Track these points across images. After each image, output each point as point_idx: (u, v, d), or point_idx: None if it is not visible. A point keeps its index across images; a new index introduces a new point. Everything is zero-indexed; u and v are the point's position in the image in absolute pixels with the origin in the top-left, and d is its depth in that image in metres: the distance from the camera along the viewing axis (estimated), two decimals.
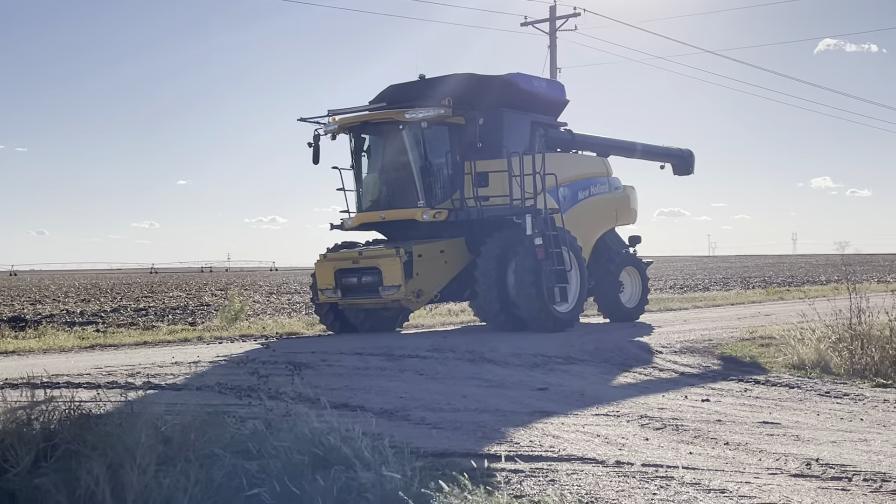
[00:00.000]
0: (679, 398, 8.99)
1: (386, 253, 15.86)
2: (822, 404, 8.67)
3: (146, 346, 15.54)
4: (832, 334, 11.47)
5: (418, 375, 10.67)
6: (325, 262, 16.39)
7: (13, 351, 14.60)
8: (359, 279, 15.93)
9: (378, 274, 15.65)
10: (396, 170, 16.99)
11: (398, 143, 16.75)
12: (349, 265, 16.12)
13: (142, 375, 10.48)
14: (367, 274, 15.85)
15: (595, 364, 11.68)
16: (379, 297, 15.75)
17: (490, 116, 16.78)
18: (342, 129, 17.07)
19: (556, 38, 32.99)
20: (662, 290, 35.40)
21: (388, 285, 15.52)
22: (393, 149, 16.97)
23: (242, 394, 8.71)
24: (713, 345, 13.85)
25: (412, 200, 16.61)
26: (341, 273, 16.13)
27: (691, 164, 21.93)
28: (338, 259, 16.34)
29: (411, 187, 16.67)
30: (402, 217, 16.68)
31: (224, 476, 5.49)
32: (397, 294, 15.58)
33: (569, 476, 5.79)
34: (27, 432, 6.11)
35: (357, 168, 17.38)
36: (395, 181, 17.06)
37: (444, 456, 6.31)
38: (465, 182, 16.69)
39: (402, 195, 16.85)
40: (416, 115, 16.24)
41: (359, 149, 17.36)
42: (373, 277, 15.73)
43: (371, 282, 15.78)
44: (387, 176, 17.23)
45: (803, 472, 5.87)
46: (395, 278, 15.47)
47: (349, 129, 17.12)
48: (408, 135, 16.52)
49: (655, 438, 6.97)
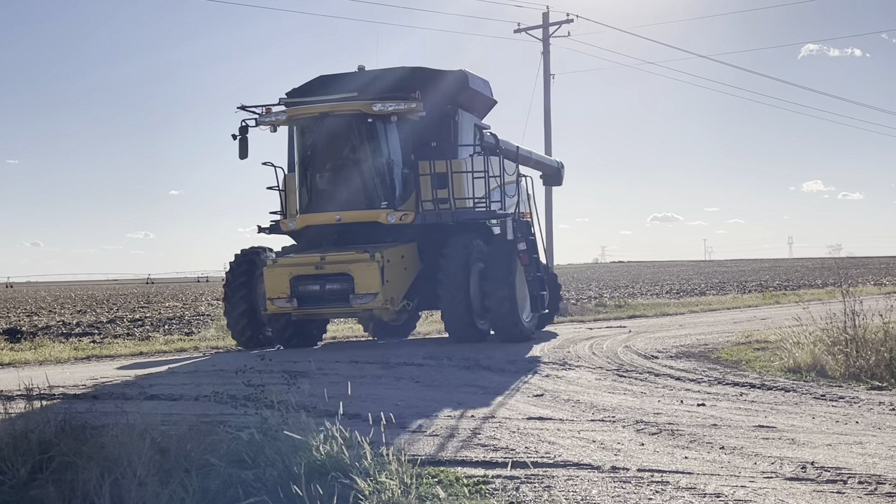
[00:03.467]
0: (674, 403, 9.00)
1: (358, 258, 14.39)
2: (818, 408, 8.69)
3: (142, 356, 15.53)
4: (827, 338, 11.48)
5: (414, 383, 10.68)
6: (276, 269, 14.66)
7: (9, 363, 14.59)
8: (322, 287, 14.42)
9: (349, 281, 14.25)
10: (356, 167, 15.61)
11: (361, 137, 15.43)
12: (310, 271, 14.53)
13: (138, 385, 10.47)
14: (333, 281, 14.37)
15: (590, 370, 11.69)
16: (348, 305, 14.38)
17: (444, 114, 15.89)
18: (288, 121, 15.51)
19: (549, 44, 33.03)
20: (659, 295, 35.43)
21: (362, 293, 14.15)
22: (353, 144, 15.56)
23: (238, 403, 8.70)
24: (709, 349, 13.87)
25: (374, 201, 15.29)
26: (299, 280, 14.50)
27: (561, 177, 22.01)
28: (294, 265, 14.73)
29: (374, 187, 15.39)
30: (363, 219, 15.26)
31: (220, 485, 5.50)
32: (373, 303, 14.23)
33: (565, 482, 5.81)
34: (23, 444, 6.13)
35: (303, 165, 15.76)
36: (354, 180, 15.60)
37: (440, 463, 6.32)
38: (423, 183, 15.59)
39: (361, 195, 15.45)
40: (386, 107, 15.07)
41: (306, 143, 15.76)
42: (341, 285, 14.30)
43: (339, 290, 14.32)
44: (343, 174, 15.70)
45: (798, 476, 5.88)
46: (371, 285, 14.15)
47: (296, 121, 15.57)
48: (373, 129, 15.21)
49: (651, 443, 6.99)
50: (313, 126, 15.61)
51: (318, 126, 15.58)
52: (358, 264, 14.29)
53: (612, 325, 19.52)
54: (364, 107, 15.12)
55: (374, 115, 15.06)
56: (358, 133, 15.41)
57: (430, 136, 15.76)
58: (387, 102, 15.07)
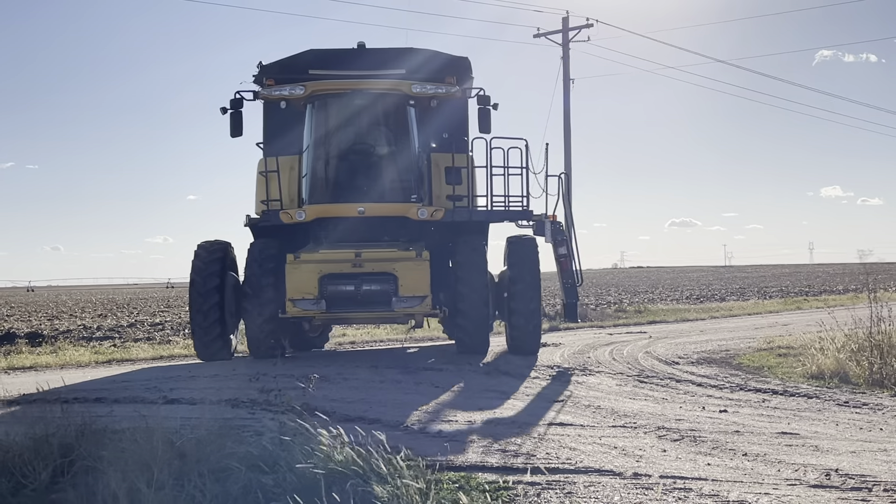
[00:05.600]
0: (696, 409, 8.93)
1: (404, 255, 12.74)
2: (841, 414, 8.61)
3: (162, 360, 15.57)
4: (853, 344, 11.37)
5: (434, 388, 10.64)
6: (301, 266, 12.65)
7: (30, 366, 14.65)
8: (357, 287, 12.65)
9: (391, 281, 12.58)
10: (387, 154, 14.07)
11: (396, 121, 13.92)
12: (345, 269, 12.70)
13: (158, 390, 10.49)
14: (372, 281, 12.66)
15: (611, 375, 11.63)
16: (389, 309, 12.67)
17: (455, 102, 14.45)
18: (307, 96, 13.67)
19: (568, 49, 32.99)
20: (679, 301, 35.27)
21: (407, 296, 12.53)
22: (387, 127, 14.05)
23: (258, 407, 8.70)
24: (730, 355, 13.79)
25: (404, 194, 13.79)
26: (329, 279, 12.65)
27: None
28: (324, 261, 12.76)
29: (406, 178, 13.88)
30: (390, 213, 13.63)
31: (240, 490, 5.49)
32: (420, 307, 12.64)
33: (586, 488, 5.76)
34: (44, 448, 6.14)
35: (320, 147, 13.91)
36: (383, 168, 14.02)
37: (460, 469, 6.29)
38: (434, 177, 14.22)
39: (390, 186, 13.89)
40: (426, 90, 13.62)
41: (327, 123, 13.94)
42: (382, 286, 12.62)
43: (378, 291, 12.63)
44: (370, 161, 13.97)
45: (823, 483, 5.82)
46: (419, 287, 12.53)
47: (317, 97, 13.76)
48: (409, 113, 13.84)
49: (673, 450, 6.93)
50: (338, 104, 13.89)
51: (344, 104, 13.90)
52: (405, 263, 12.64)
53: (632, 331, 19.44)
54: (401, 86, 13.69)
55: (416, 98, 13.68)
56: (394, 116, 13.93)
57: (441, 126, 14.44)
58: (426, 84, 13.65)
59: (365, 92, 13.89)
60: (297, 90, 13.51)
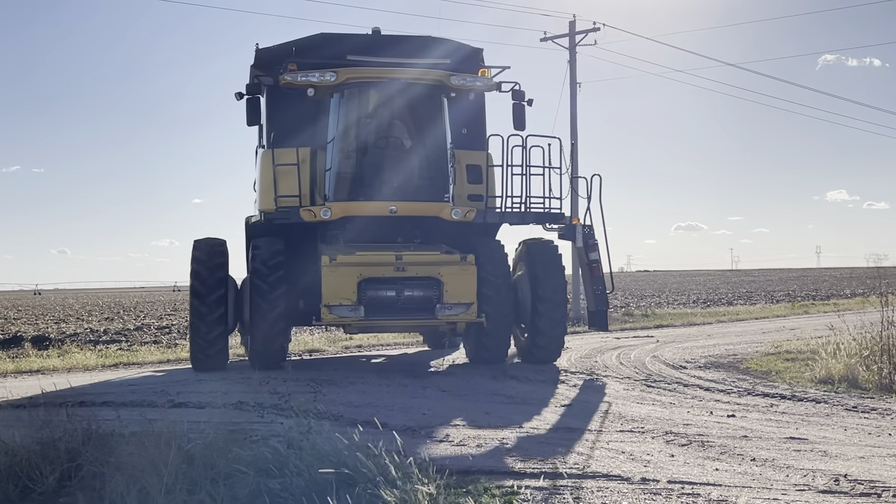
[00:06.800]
0: (704, 414, 8.91)
1: (449, 259, 11.89)
2: (850, 419, 8.57)
3: (169, 363, 15.57)
4: (863, 350, 11.33)
5: (441, 392, 10.63)
6: (340, 269, 11.62)
7: (37, 370, 14.66)
8: (399, 293, 11.76)
9: (436, 287, 11.76)
10: (422, 149, 12.96)
11: (433, 114, 12.89)
12: (387, 273, 11.76)
13: (165, 393, 10.49)
14: (414, 286, 11.79)
15: (618, 379, 11.61)
16: (433, 317, 11.80)
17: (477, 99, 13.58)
18: (337, 84, 12.53)
19: (575, 52, 32.93)
20: (686, 305, 35.21)
21: (452, 302, 11.75)
22: (423, 120, 12.96)
23: (265, 412, 8.70)
24: (738, 360, 13.76)
25: (437, 192, 12.75)
26: (369, 284, 11.70)
27: None
28: (364, 264, 11.75)
29: (439, 175, 12.82)
30: (423, 213, 12.67)
31: (248, 494, 5.48)
32: (465, 314, 11.84)
33: (594, 493, 5.74)
34: (52, 452, 6.14)
35: (348, 140, 12.81)
36: (418, 165, 12.92)
37: (468, 473, 6.27)
38: (457, 176, 13.18)
39: (423, 184, 12.81)
40: (466, 82, 12.73)
41: (358, 113, 12.87)
42: (425, 292, 11.79)
43: (421, 297, 11.79)
44: (403, 156, 12.95)
45: (831, 489, 5.80)
46: (465, 294, 11.79)
47: (348, 85, 12.63)
48: (445, 106, 12.89)
49: (681, 455, 6.91)
50: (372, 93, 12.85)
51: (378, 94, 12.85)
52: (450, 267, 11.81)
53: (640, 335, 19.40)
54: (442, 77, 12.72)
55: (456, 90, 12.81)
56: (430, 108, 12.90)
57: (459, 121, 13.31)
58: (465, 76, 12.79)
59: (401, 82, 12.75)
60: (328, 76, 12.41)
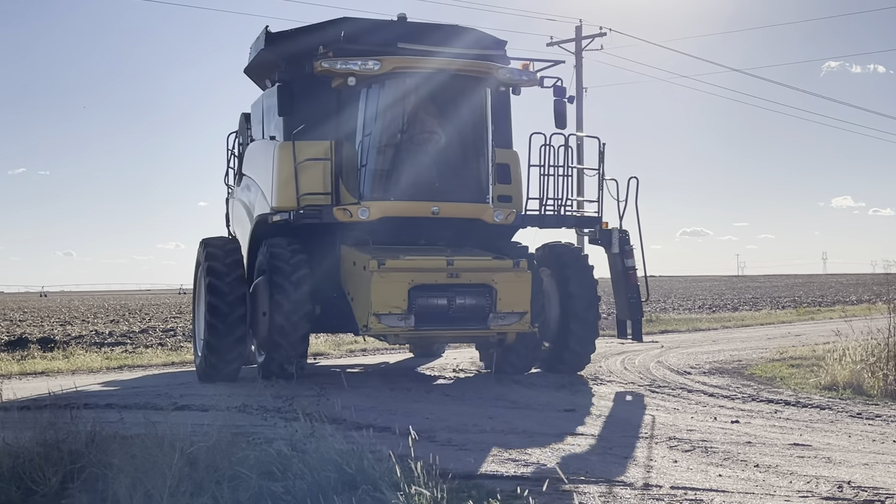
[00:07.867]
0: (708, 420, 8.89)
1: (502, 265, 11.19)
2: (854, 426, 8.55)
3: (174, 366, 15.58)
4: (869, 356, 11.29)
5: (444, 396, 10.63)
6: (391, 274, 10.67)
7: (42, 371, 14.68)
8: (450, 301, 10.88)
9: (488, 295, 10.94)
10: (466, 146, 12.14)
11: (479, 108, 12.01)
12: (440, 280, 10.91)
13: (168, 396, 10.50)
14: (466, 294, 10.94)
15: (622, 385, 11.60)
16: (485, 327, 11.06)
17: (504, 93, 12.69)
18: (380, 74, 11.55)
19: (581, 57, 33.00)
20: (691, 310, 35.17)
21: (506, 311, 11.00)
22: (469, 115, 12.04)
23: (268, 415, 8.71)
24: (743, 365, 13.73)
25: (480, 193, 11.98)
26: (419, 291, 10.78)
27: None
28: (414, 269, 10.85)
29: (484, 174, 12.04)
30: (466, 214, 11.87)
31: (250, 497, 5.48)
32: (519, 324, 11.11)
33: (597, 499, 5.74)
34: (54, 454, 6.14)
35: (387, 135, 11.89)
36: (462, 163, 12.16)
37: (471, 478, 6.27)
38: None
39: (466, 183, 12.03)
40: (514, 76, 12.04)
41: (401, 106, 11.89)
42: (477, 300, 10.95)
43: (474, 306, 10.96)
44: (447, 153, 12.02)
45: (835, 496, 5.78)
46: (519, 302, 11.04)
47: (392, 75, 11.68)
48: (489, 100, 12.03)
49: (684, 460, 6.90)
50: (415, 84, 11.86)
51: (422, 85, 11.87)
52: (504, 274, 11.07)
53: (644, 340, 19.35)
54: (494, 70, 11.90)
55: (504, 84, 12.12)
56: (474, 103, 12.02)
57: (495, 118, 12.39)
58: (514, 70, 12.09)
59: (448, 73, 11.83)
60: (371, 65, 11.43)
